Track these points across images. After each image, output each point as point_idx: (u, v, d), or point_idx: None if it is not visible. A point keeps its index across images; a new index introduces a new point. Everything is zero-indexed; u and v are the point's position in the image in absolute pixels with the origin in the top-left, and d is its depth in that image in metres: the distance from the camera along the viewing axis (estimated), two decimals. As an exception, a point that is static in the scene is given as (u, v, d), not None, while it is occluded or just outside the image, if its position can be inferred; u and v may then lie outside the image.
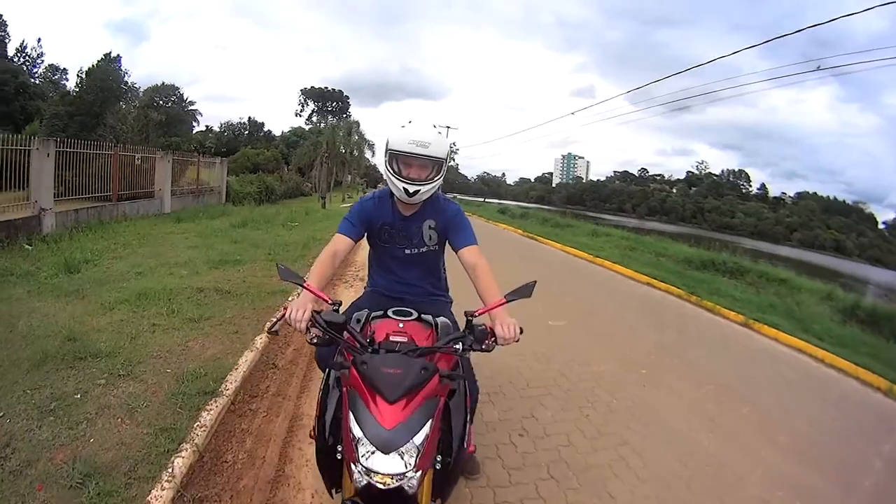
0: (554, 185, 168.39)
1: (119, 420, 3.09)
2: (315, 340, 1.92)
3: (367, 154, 50.12)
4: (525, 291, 1.99)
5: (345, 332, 1.90)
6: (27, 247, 8.00)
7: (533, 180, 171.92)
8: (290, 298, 6.12)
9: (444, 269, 2.80)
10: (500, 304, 2.01)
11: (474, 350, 1.94)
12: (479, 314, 2.01)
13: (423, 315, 2.31)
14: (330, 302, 2.01)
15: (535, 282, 2.01)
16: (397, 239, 2.56)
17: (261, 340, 4.48)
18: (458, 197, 72.56)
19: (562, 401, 4.18)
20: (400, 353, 1.83)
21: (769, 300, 10.11)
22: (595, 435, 3.68)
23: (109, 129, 21.54)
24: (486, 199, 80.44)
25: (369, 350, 1.85)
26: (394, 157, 2.32)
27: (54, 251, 7.73)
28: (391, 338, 1.97)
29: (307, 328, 1.91)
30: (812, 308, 9.99)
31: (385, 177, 2.38)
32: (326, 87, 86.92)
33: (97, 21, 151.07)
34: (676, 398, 4.55)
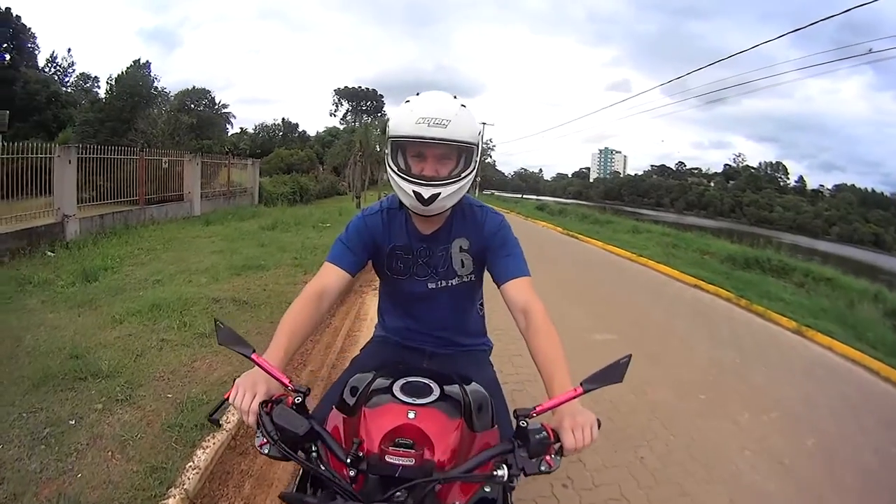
0: (591, 180, 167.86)
1: (110, 454, 2.78)
2: (266, 450, 1.20)
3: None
4: (614, 375, 1.17)
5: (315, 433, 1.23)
6: (49, 254, 7.90)
7: (570, 175, 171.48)
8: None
9: (482, 304, 2.03)
10: (574, 397, 1.17)
11: (528, 474, 1.19)
12: (539, 413, 1.19)
13: (447, 389, 1.38)
14: (291, 388, 1.25)
15: (630, 357, 1.18)
16: (416, 268, 1.80)
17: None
18: (496, 194, 72.22)
19: (614, 440, 3.60)
20: (401, 492, 1.12)
21: (820, 303, 9.62)
22: (651, 483, 3.16)
23: (140, 133, 21.86)
24: (524, 195, 79.96)
25: (350, 474, 1.16)
26: (398, 146, 1.59)
27: (76, 258, 7.61)
28: (389, 455, 1.16)
29: (257, 424, 1.21)
30: (863, 312, 9.43)
31: (389, 179, 1.63)
32: (360, 87, 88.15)
33: (130, 30, 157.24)
34: (739, 431, 4.02)
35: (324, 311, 1.63)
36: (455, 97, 1.58)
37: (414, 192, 1.53)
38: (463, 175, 1.57)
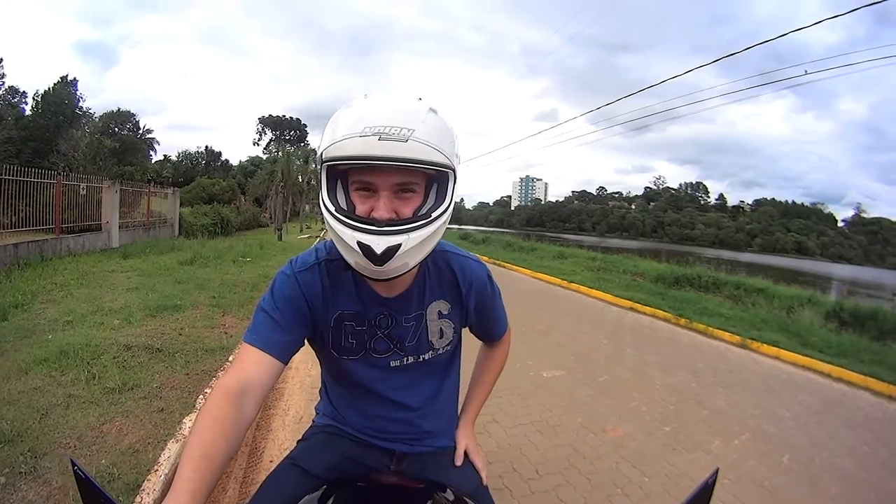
0: (513, 207, 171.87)
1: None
2: None
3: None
4: (701, 500, 0.77)
5: None
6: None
7: (492, 204, 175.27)
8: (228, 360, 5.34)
9: (458, 374, 1.50)
10: None
11: None
12: None
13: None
14: None
15: (717, 472, 0.80)
16: (373, 343, 1.25)
17: (188, 425, 3.46)
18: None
19: (584, 491, 3.17)
20: None
21: (759, 315, 9.91)
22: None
23: (61, 155, 20.58)
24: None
25: None
26: (334, 173, 1.03)
27: (-12, 292, 6.76)
28: None
29: None
30: (803, 318, 9.85)
31: (326, 225, 1.04)
32: (284, 116, 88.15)
33: (69, 42, 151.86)
34: (714, 461, 3.75)
35: (248, 418, 1.01)
36: (420, 99, 1.03)
37: (360, 243, 0.96)
38: (435, 215, 1.02)
